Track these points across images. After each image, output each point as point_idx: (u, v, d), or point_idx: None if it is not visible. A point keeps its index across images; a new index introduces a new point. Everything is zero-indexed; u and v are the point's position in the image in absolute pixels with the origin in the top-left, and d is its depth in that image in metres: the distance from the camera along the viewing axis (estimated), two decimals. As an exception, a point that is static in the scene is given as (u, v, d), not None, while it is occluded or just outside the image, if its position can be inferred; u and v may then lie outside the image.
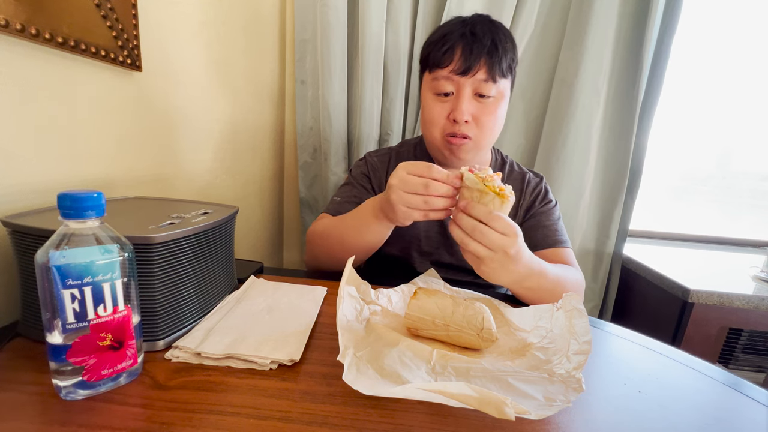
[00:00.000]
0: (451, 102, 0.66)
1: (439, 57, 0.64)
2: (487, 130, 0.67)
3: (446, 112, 0.67)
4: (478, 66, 0.63)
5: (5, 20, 0.41)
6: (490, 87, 0.65)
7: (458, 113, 0.64)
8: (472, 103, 0.65)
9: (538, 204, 0.76)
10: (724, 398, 0.40)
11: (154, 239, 0.37)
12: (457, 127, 0.66)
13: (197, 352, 0.38)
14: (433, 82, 0.67)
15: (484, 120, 0.66)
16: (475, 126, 0.66)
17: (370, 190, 0.78)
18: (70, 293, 0.29)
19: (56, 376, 0.31)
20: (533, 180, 0.79)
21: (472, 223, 0.45)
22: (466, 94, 0.65)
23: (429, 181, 0.48)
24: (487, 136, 0.69)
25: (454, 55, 0.63)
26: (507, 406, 0.28)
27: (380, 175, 0.79)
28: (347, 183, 0.79)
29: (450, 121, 0.66)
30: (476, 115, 0.66)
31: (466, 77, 0.63)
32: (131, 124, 0.62)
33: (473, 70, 0.63)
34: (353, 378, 0.32)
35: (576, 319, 0.42)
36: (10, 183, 0.45)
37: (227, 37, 0.87)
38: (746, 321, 0.95)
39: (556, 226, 0.72)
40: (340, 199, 0.75)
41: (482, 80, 0.64)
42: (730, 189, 1.50)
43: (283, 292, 0.54)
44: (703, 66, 1.33)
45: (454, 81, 0.65)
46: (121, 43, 0.57)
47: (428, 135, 0.71)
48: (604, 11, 0.99)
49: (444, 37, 0.65)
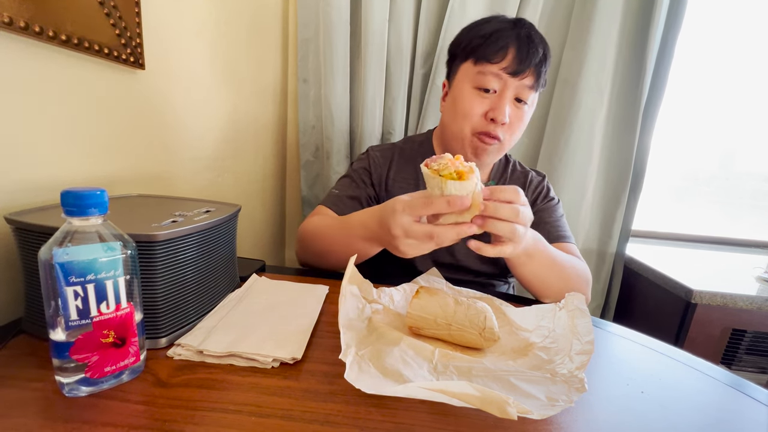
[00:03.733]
0: (491, 100, 0.65)
1: (491, 52, 0.63)
2: (515, 136, 0.68)
3: (485, 109, 0.65)
4: (529, 71, 0.63)
5: (9, 18, 0.41)
6: (529, 94, 0.65)
7: (500, 114, 0.63)
8: (511, 106, 0.65)
9: (540, 202, 0.76)
10: (727, 399, 0.40)
11: (157, 237, 0.37)
12: (492, 127, 0.65)
13: (199, 350, 0.38)
14: (478, 75, 0.64)
15: (516, 125, 0.67)
16: (507, 130, 0.66)
17: (370, 185, 0.77)
18: (73, 290, 0.29)
19: (59, 373, 0.31)
20: (536, 179, 0.79)
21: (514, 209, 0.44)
22: (510, 96, 0.64)
23: (433, 230, 0.44)
24: (513, 142, 0.69)
25: (508, 53, 0.62)
26: (509, 405, 0.28)
27: (381, 171, 0.78)
28: (347, 175, 0.79)
29: (486, 119, 0.65)
30: (512, 119, 0.66)
31: (515, 79, 0.63)
32: (134, 122, 0.62)
33: (524, 74, 0.63)
34: (355, 377, 0.32)
35: (578, 318, 0.42)
36: (13, 180, 0.45)
37: (230, 36, 0.87)
38: (749, 322, 0.95)
39: (559, 223, 0.73)
40: (338, 192, 0.74)
41: (527, 86, 0.64)
42: (734, 190, 1.49)
43: (284, 290, 0.54)
44: (706, 66, 1.32)
45: (502, 80, 0.63)
46: (124, 41, 0.57)
47: (455, 127, 0.69)
48: (608, 10, 0.99)
49: (497, 33, 0.63)
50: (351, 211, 0.68)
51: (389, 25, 1.03)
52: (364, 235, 0.56)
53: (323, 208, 0.72)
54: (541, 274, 0.58)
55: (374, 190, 0.77)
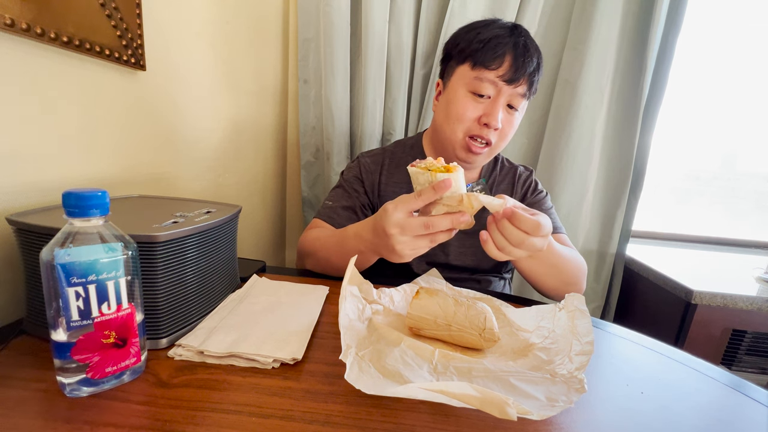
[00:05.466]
0: (485, 105, 0.66)
1: (489, 58, 0.63)
2: (505, 141, 0.70)
3: (478, 113, 0.66)
4: (523, 80, 0.64)
5: (11, 20, 0.42)
6: (521, 101, 0.67)
7: (493, 119, 0.65)
8: (503, 112, 0.67)
9: (530, 195, 0.79)
10: (727, 399, 0.40)
11: (158, 238, 0.37)
12: (485, 131, 0.67)
13: (200, 351, 0.38)
14: (475, 80, 0.65)
15: (507, 130, 0.69)
16: (498, 134, 0.68)
17: (363, 193, 0.77)
18: (74, 291, 0.29)
19: (60, 374, 0.31)
20: (524, 173, 0.82)
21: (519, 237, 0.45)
22: (503, 102, 0.66)
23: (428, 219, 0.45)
24: (503, 146, 0.71)
25: (505, 61, 0.63)
26: (509, 406, 0.28)
27: (373, 177, 0.78)
28: (339, 186, 0.78)
29: (479, 123, 0.67)
30: (503, 124, 0.67)
31: (509, 86, 0.64)
32: (135, 123, 0.63)
33: (518, 82, 0.64)
34: (355, 377, 0.32)
35: (578, 319, 0.42)
36: (15, 181, 0.45)
37: (231, 37, 0.87)
38: (750, 322, 0.95)
39: (549, 214, 0.74)
40: (331, 203, 0.74)
41: (520, 94, 0.66)
42: (735, 190, 1.49)
43: (285, 291, 0.55)
44: (707, 66, 1.32)
45: (497, 87, 0.65)
46: (125, 42, 0.57)
47: (448, 130, 0.70)
48: (608, 10, 0.99)
49: (495, 39, 0.64)
50: (346, 222, 0.68)
51: (389, 25, 1.03)
52: (359, 247, 0.56)
53: (318, 221, 0.72)
54: (543, 269, 0.60)
55: (368, 197, 0.77)
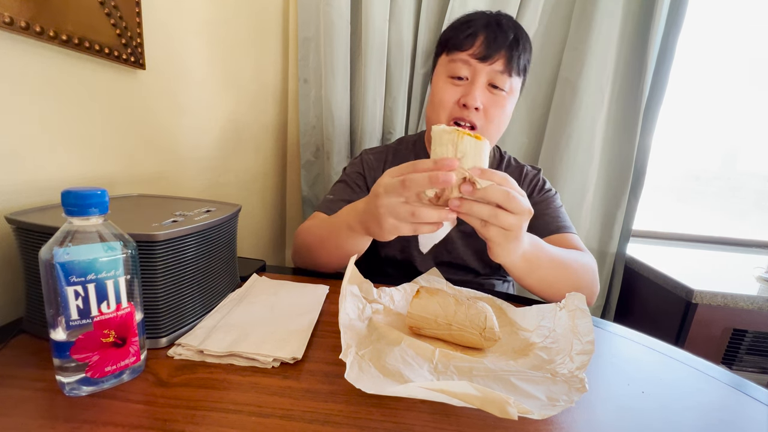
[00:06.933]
0: (464, 87, 0.66)
1: (460, 40, 0.64)
2: (494, 123, 0.67)
3: (457, 96, 0.66)
4: (498, 56, 0.63)
5: (10, 18, 0.41)
6: (504, 80, 0.65)
7: (470, 98, 0.64)
8: (485, 92, 0.65)
9: (536, 194, 0.76)
10: (728, 399, 0.40)
11: (158, 237, 0.37)
12: (466, 113, 0.65)
13: (200, 350, 0.38)
14: (450, 64, 0.66)
15: (493, 112, 0.66)
16: (484, 116, 0.66)
17: (365, 189, 0.77)
18: (73, 290, 0.29)
19: (60, 373, 0.31)
20: (531, 172, 0.80)
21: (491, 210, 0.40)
22: (481, 82, 0.64)
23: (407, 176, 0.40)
24: (493, 130, 0.68)
25: (476, 40, 0.63)
26: (510, 405, 0.28)
27: (375, 174, 0.78)
28: (342, 180, 0.79)
29: (459, 106, 0.66)
30: (486, 105, 0.65)
31: (484, 64, 0.63)
32: (134, 122, 0.62)
33: (493, 59, 0.63)
34: (355, 376, 0.32)
35: (579, 319, 0.42)
36: (14, 180, 0.45)
37: (231, 36, 0.87)
38: (750, 322, 0.95)
39: (558, 213, 0.71)
40: (332, 197, 0.74)
41: (499, 71, 0.64)
42: (735, 190, 1.49)
43: (285, 290, 0.54)
44: (708, 65, 1.32)
45: (471, 66, 0.64)
46: (125, 41, 0.57)
47: (434, 118, 0.70)
48: (609, 10, 0.99)
49: (468, 23, 0.64)
50: None
51: (389, 24, 1.03)
52: (349, 220, 0.54)
53: (318, 213, 0.72)
54: (546, 279, 0.55)
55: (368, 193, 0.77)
